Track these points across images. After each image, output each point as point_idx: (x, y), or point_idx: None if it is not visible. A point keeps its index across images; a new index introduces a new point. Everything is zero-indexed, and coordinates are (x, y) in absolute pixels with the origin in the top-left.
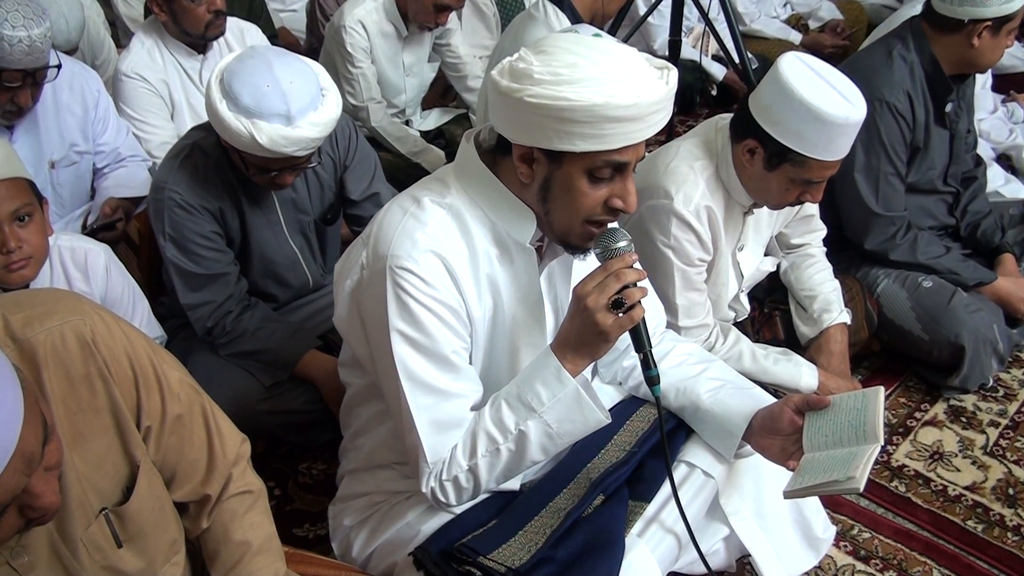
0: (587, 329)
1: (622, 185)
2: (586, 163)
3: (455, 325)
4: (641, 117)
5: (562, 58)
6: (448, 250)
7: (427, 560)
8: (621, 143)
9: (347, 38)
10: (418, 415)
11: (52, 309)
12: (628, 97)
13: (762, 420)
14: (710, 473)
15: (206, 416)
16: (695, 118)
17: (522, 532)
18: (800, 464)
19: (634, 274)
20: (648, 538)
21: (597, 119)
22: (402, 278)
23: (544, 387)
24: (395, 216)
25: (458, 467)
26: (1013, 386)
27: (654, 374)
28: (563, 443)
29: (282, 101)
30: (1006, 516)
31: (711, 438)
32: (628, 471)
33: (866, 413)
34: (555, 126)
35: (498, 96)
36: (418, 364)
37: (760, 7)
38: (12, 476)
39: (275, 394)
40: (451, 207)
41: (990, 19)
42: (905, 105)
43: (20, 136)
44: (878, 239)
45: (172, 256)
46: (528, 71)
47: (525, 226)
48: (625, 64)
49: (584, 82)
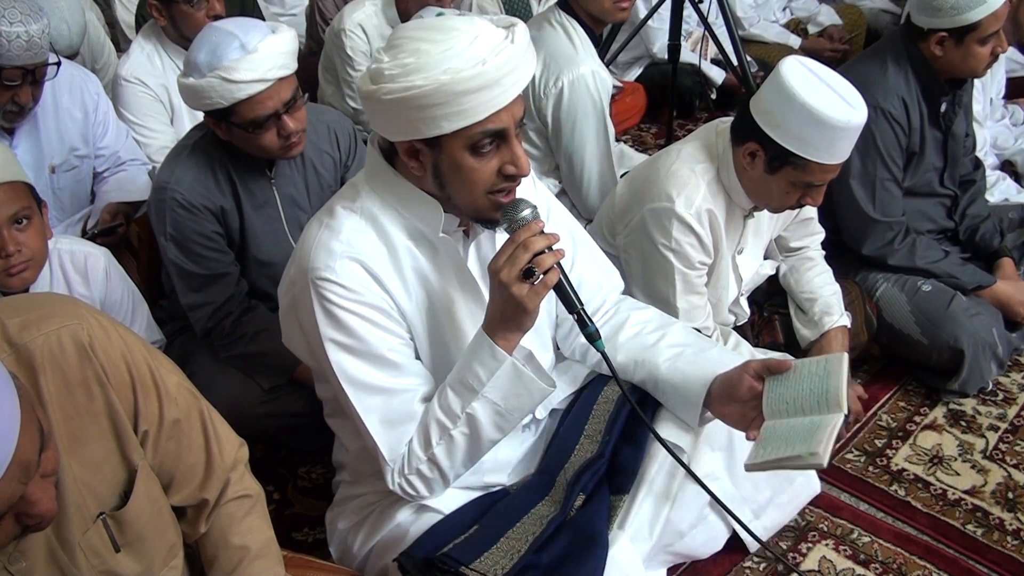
0: (507, 303)
1: (509, 151)
2: (463, 140)
3: (386, 324)
4: (494, 82)
5: (407, 47)
6: (365, 253)
7: (412, 567)
8: (485, 112)
9: (347, 42)
10: (367, 417)
11: (49, 313)
12: (473, 67)
13: (721, 386)
14: (679, 445)
15: (204, 420)
16: (694, 122)
17: (504, 539)
18: (761, 433)
19: (542, 240)
20: (629, 521)
21: (451, 96)
22: (324, 288)
23: (481, 367)
24: (312, 230)
25: (417, 459)
26: (1012, 390)
27: (592, 330)
28: (515, 418)
29: (231, 38)
30: (1006, 520)
31: (674, 408)
32: (604, 464)
33: (828, 379)
34: (417, 115)
35: (364, 101)
36: (356, 368)
37: (759, 11)
38: (9, 485)
39: (274, 397)
40: (363, 210)
41: (946, 29)
42: (900, 111)
43: (20, 140)
44: (876, 244)
45: (173, 256)
46: (380, 70)
47: (433, 217)
48: (466, 35)
49: (429, 66)
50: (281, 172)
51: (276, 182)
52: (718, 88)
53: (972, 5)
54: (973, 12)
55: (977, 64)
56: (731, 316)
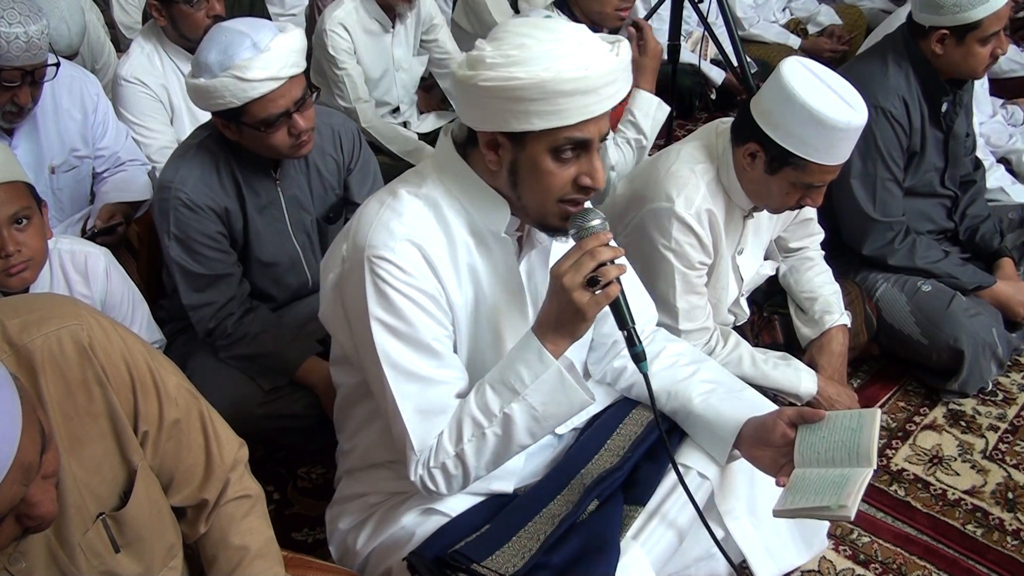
0: (565, 308)
1: (588, 163)
2: (548, 142)
3: (435, 312)
4: (592, 89)
5: (512, 40)
6: (425, 239)
7: (421, 566)
8: (577, 117)
9: (328, 41)
10: (402, 403)
11: (49, 314)
12: (576, 70)
13: (754, 429)
14: (705, 475)
15: (204, 421)
16: (694, 122)
17: (516, 538)
18: (791, 480)
19: (609, 252)
20: (644, 539)
21: (549, 95)
22: (380, 267)
23: (527, 369)
24: (372, 208)
25: (445, 454)
26: (1012, 390)
27: (639, 350)
28: (550, 425)
29: (243, 37)
30: (1005, 520)
31: (703, 443)
32: (623, 476)
33: (861, 434)
34: (511, 107)
35: (458, 86)
36: (400, 352)
37: (759, 12)
38: (10, 487)
39: (274, 398)
40: (428, 197)
41: (947, 27)
42: (901, 111)
43: (20, 141)
44: (876, 244)
45: (176, 256)
46: (481, 57)
47: (499, 215)
48: (573, 39)
49: (533, 60)
50: (286, 174)
51: (281, 183)
52: (718, 88)
53: (974, 4)
54: (975, 11)
55: (977, 64)
56: (731, 316)
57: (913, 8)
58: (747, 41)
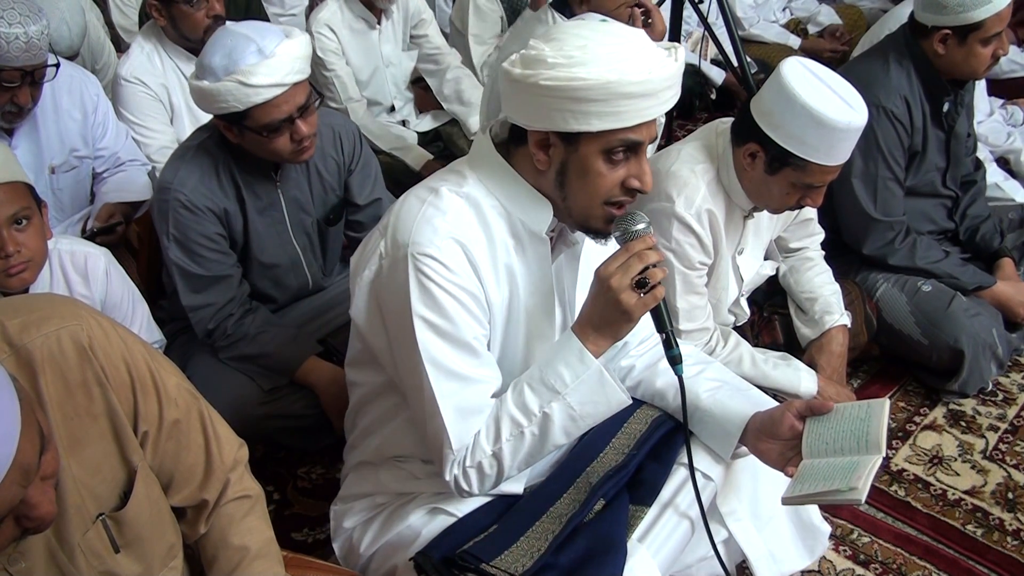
0: (611, 309)
1: (637, 165)
2: (602, 143)
3: (476, 312)
4: (653, 93)
5: (572, 42)
6: (468, 238)
7: (428, 565)
8: (636, 120)
9: (315, 43)
10: (443, 401)
11: (49, 314)
12: (640, 73)
13: (760, 423)
14: (709, 475)
15: (203, 421)
16: (694, 122)
17: (524, 538)
18: (799, 470)
19: (655, 255)
20: (650, 541)
21: (611, 96)
22: (424, 264)
23: (567, 368)
24: (413, 205)
25: (482, 453)
26: (1012, 390)
27: (676, 353)
28: (585, 425)
29: (248, 42)
30: (1005, 520)
31: (709, 439)
32: (627, 475)
33: (869, 423)
34: (571, 107)
35: (512, 85)
36: (441, 350)
37: (759, 12)
38: (9, 488)
39: (274, 398)
40: (468, 196)
41: (949, 27)
42: (903, 110)
43: (20, 141)
44: (877, 244)
45: (175, 257)
46: (541, 56)
47: (542, 215)
48: (633, 43)
49: (596, 61)
50: (287, 175)
51: (281, 185)
52: (718, 88)
53: (977, 4)
54: (978, 11)
55: (978, 65)
56: (731, 316)
57: (915, 8)
58: (747, 41)
